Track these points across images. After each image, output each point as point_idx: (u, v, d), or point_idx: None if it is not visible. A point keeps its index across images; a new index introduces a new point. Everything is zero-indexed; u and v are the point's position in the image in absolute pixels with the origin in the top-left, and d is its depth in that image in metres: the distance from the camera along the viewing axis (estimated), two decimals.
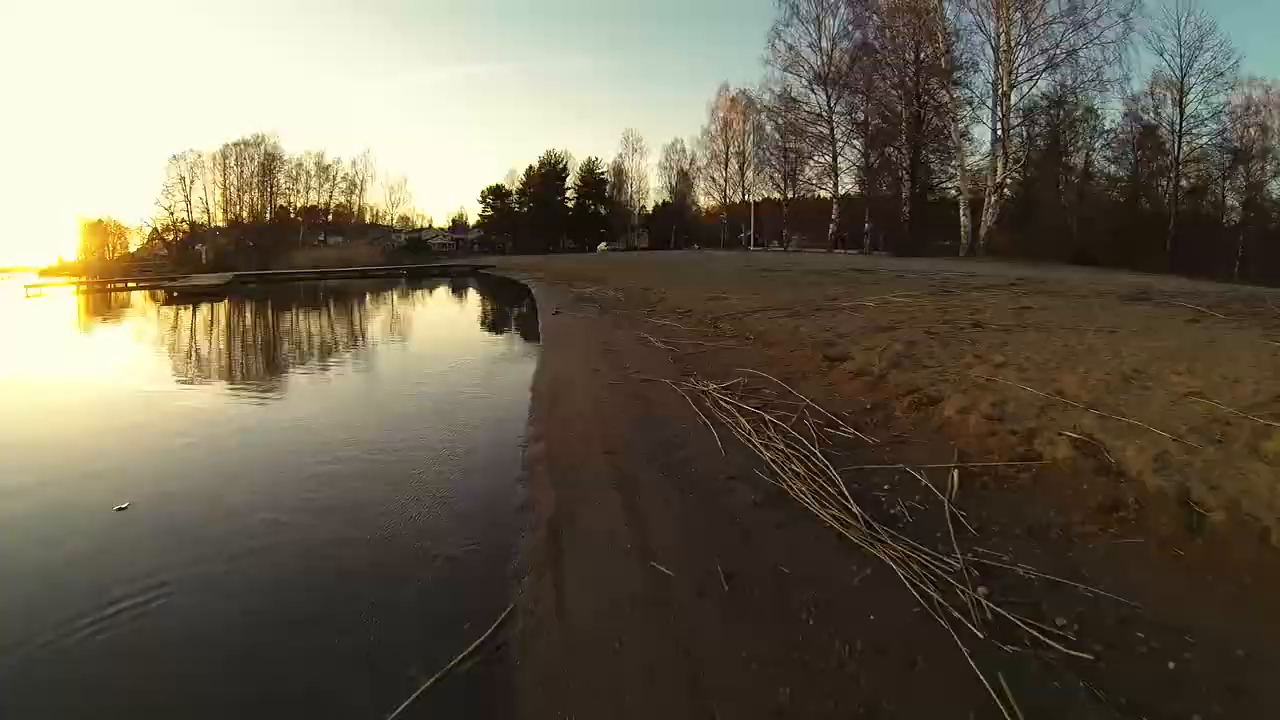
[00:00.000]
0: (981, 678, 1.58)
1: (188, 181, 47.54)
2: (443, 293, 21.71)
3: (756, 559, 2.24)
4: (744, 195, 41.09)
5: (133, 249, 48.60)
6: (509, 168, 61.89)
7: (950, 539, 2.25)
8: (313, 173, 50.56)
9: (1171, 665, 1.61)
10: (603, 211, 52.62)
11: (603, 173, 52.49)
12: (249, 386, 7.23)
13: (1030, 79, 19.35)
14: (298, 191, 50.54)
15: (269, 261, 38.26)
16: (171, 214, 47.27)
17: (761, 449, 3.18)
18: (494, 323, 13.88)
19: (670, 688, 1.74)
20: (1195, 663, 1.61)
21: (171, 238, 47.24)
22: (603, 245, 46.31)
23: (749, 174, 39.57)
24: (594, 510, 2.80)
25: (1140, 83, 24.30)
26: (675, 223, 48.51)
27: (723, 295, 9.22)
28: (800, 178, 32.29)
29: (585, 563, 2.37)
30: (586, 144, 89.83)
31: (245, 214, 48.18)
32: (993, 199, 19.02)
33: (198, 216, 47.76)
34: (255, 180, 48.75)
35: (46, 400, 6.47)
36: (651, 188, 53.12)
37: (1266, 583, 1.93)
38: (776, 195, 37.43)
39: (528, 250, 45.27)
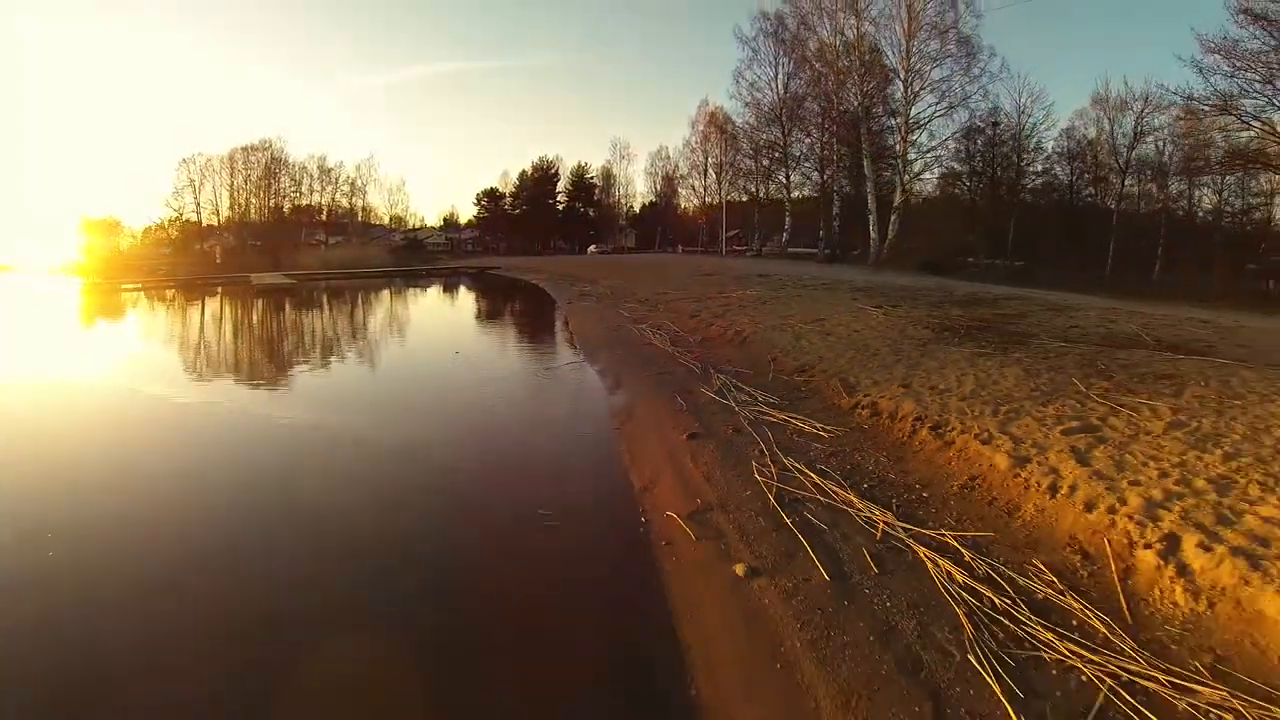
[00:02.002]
0: (679, 359, 9.36)
1: (197, 184, 54.28)
2: (473, 290, 29.25)
3: (641, 355, 10.09)
4: (721, 201, 48.59)
5: (135, 248, 55.42)
6: (502, 168, 69.25)
7: (691, 350, 9.99)
8: (315, 175, 57.34)
9: (711, 350, 9.40)
10: (591, 214, 59.79)
11: (592, 177, 59.68)
12: (457, 326, 15.74)
13: (924, 125, 27.46)
14: (301, 194, 56.88)
15: (278, 261, 44.82)
16: (180, 215, 54.34)
17: (654, 339, 10.92)
18: (531, 309, 21.66)
19: (617, 376, 9.51)
20: (719, 352, 9.39)
21: (177, 236, 54.24)
22: (592, 248, 53.22)
23: (725, 184, 47.17)
24: (599, 353, 10.70)
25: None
26: (660, 224, 55.89)
27: (669, 291, 16.96)
28: (765, 191, 40.20)
29: (598, 359, 10.31)
30: (575, 149, 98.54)
31: (252, 215, 54.78)
32: (893, 217, 26.96)
33: (206, 218, 54.52)
34: (262, 183, 55.10)
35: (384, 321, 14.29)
36: (638, 191, 60.17)
37: (748, 344, 9.68)
38: (749, 199, 45.31)
39: (520, 250, 52.57)
